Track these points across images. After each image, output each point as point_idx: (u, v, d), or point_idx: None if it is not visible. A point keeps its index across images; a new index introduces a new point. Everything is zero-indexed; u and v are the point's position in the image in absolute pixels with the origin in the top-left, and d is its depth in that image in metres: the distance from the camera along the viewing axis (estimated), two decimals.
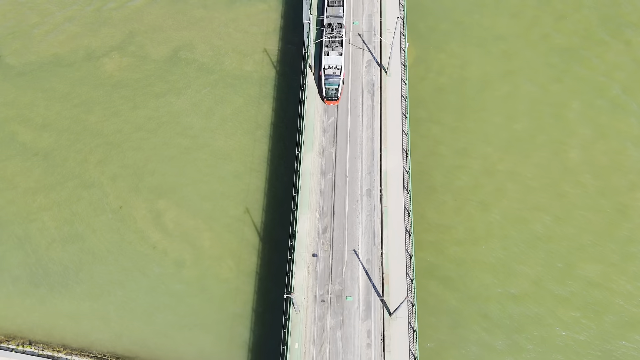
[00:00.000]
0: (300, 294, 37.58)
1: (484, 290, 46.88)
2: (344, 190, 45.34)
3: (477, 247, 49.85)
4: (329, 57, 48.69)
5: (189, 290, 50.52)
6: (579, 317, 46.85)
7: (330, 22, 50.81)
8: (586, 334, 45.95)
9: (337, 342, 38.31)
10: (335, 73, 47.92)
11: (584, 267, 49.16)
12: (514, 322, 46.14)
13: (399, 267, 40.31)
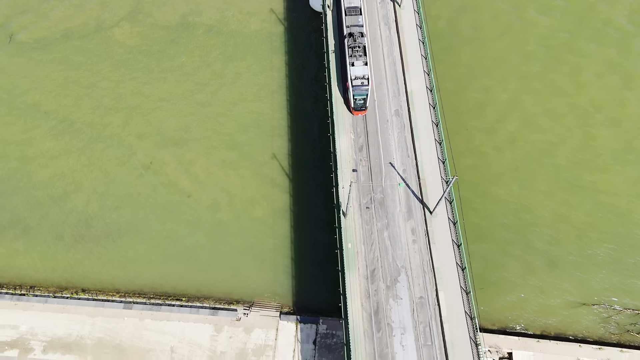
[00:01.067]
0: (345, 203, 40.23)
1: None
2: (373, 112, 48.07)
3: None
4: (355, 68, 46.57)
5: (226, 230, 52.95)
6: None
7: (352, 32, 48.92)
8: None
9: (385, 241, 40.98)
10: (363, 83, 45.77)
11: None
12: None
13: (433, 173, 43.28)
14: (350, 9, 50.63)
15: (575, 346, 46.76)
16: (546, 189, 53.87)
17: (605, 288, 49.43)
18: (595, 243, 51.25)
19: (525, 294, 48.80)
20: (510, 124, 57.28)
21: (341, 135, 45.63)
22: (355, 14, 50.13)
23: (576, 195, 53.40)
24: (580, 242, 51.29)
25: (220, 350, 46.98)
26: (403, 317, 37.72)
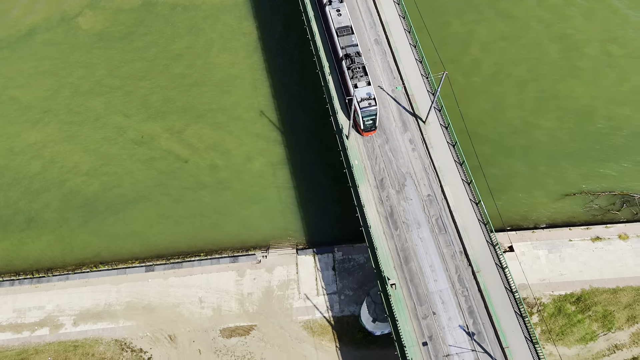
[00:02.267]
0: (344, 127, 43.45)
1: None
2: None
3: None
4: (359, 90, 44.74)
5: (229, 187, 55.22)
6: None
7: (348, 53, 46.75)
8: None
9: (387, 154, 44.44)
10: (370, 104, 44.00)
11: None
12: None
13: (419, 88, 47.11)
14: (342, 30, 48.39)
15: (566, 230, 51.80)
16: (516, 102, 58.66)
17: (582, 178, 54.73)
18: (566, 143, 56.40)
19: (514, 195, 53.19)
20: (473, 51, 61.54)
21: (326, 69, 48.52)
22: (347, 34, 48.15)
23: (541, 104, 58.46)
24: (552, 143, 56.32)
25: (247, 292, 49.19)
26: (416, 215, 41.25)
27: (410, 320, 38.01)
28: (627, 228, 52.20)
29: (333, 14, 49.19)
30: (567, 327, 47.14)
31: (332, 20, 46.77)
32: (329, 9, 49.69)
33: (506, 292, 38.73)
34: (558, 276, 49.46)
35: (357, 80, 44.93)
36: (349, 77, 45.37)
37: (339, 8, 49.49)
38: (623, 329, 47.25)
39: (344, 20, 48.98)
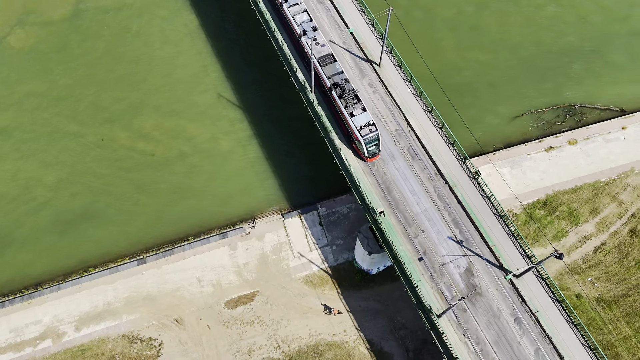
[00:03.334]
0: (306, 83, 46.07)
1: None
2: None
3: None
4: (356, 118, 43.06)
5: (202, 170, 56.47)
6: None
7: (336, 82, 44.92)
8: None
9: None
10: (371, 130, 42.44)
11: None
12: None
13: (368, 35, 50.26)
14: (324, 59, 46.12)
15: (522, 146, 56.85)
16: (453, 43, 63.09)
17: (527, 99, 60.06)
18: (506, 70, 61.37)
19: (471, 125, 57.21)
20: (402, 2, 65.32)
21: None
22: (330, 62, 45.97)
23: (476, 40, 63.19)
24: (494, 74, 61.13)
25: (242, 262, 50.81)
26: (389, 148, 44.40)
27: (403, 241, 41.15)
28: (573, 134, 57.87)
29: (310, 44, 46.38)
30: (540, 230, 51.96)
31: (312, 50, 43.82)
32: (305, 39, 47.36)
33: (482, 199, 42.65)
34: (523, 188, 54.26)
35: (353, 109, 43.30)
36: (343, 107, 43.61)
37: (316, 37, 47.17)
38: (588, 221, 52.69)
39: (324, 49, 46.54)
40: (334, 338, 47.53)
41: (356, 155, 44.72)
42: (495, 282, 39.90)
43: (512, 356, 37.25)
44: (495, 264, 40.51)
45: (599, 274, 49.81)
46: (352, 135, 43.88)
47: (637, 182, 54.33)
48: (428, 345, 47.16)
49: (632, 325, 47.11)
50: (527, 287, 39.49)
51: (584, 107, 59.98)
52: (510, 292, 39.62)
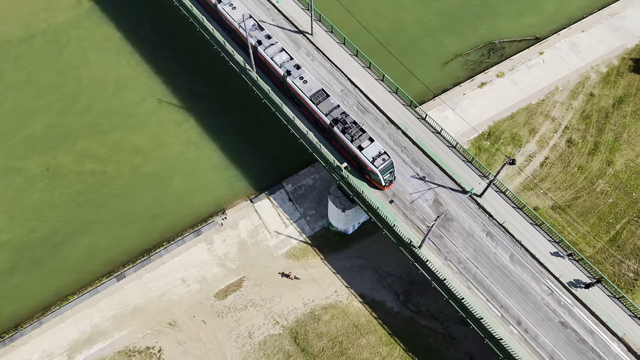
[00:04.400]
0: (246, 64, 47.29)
1: None
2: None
3: None
4: (367, 150, 42.01)
5: (160, 177, 56.62)
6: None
7: (335, 118, 43.31)
8: None
9: None
10: (384, 159, 41.60)
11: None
12: None
13: (295, 8, 52.53)
14: (317, 96, 44.43)
15: (457, 88, 61.34)
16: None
17: (451, 45, 64.64)
18: (424, 23, 65.54)
19: (405, 79, 60.45)
20: None
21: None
22: (324, 98, 44.33)
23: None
24: (416, 25, 65.30)
25: (222, 253, 51.77)
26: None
27: (371, 190, 43.88)
28: (500, 68, 63.13)
29: (298, 84, 45.25)
30: (490, 159, 56.56)
31: (301, 89, 43.89)
32: (291, 79, 45.59)
33: (434, 135, 46.19)
34: (467, 125, 58.69)
35: (360, 142, 42.17)
36: (349, 142, 42.34)
37: (302, 75, 45.54)
38: (529, 141, 57.93)
39: (313, 85, 45.05)
40: (327, 301, 49.65)
41: (372, 186, 43.85)
42: (462, 206, 43.55)
43: (492, 266, 41.02)
44: (458, 190, 44.17)
45: (549, 185, 55.07)
46: (365, 168, 42.52)
47: (563, 97, 60.27)
48: (415, 286, 50.38)
49: (587, 222, 52.63)
50: (491, 204, 43.43)
51: (502, 42, 65.42)
52: (477, 212, 43.42)
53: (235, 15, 49.90)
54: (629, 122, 58.09)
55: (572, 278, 40.46)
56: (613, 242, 51.08)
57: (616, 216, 52.56)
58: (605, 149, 56.53)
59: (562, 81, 61.21)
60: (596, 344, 38.63)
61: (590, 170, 55.37)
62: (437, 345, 47.18)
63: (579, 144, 57.06)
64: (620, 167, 55.29)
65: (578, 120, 58.63)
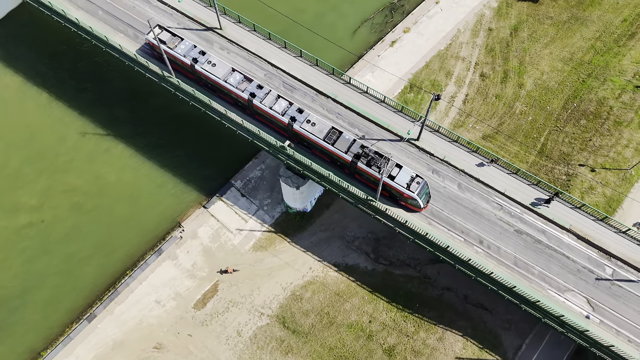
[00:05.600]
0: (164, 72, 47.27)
1: None
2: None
3: None
4: (399, 178, 41.57)
5: (103, 209, 55.45)
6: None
7: (357, 153, 42.41)
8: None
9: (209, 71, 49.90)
10: (419, 182, 41.24)
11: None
12: None
13: (199, 9, 52.79)
14: (331, 136, 43.36)
15: (371, 51, 64.45)
16: None
17: (354, 16, 67.58)
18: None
19: (320, 53, 62.66)
20: None
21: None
22: (338, 136, 43.40)
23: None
24: (319, 4, 67.69)
25: (189, 265, 51.75)
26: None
27: (317, 160, 45.87)
28: (405, 24, 67.18)
29: (307, 128, 44.03)
30: (418, 108, 60.35)
31: (312, 133, 43.13)
32: (298, 125, 44.17)
33: (362, 95, 48.87)
34: (389, 83, 62.12)
35: (390, 171, 41.73)
36: (377, 174, 41.52)
37: (308, 119, 44.25)
38: (448, 84, 62.33)
39: (323, 126, 43.99)
40: (304, 279, 51.20)
41: (408, 211, 43.56)
42: (404, 152, 46.60)
43: (445, 199, 44.39)
44: (397, 139, 47.17)
45: (475, 118, 59.76)
46: (400, 196, 42.25)
47: (466, 38, 65.29)
48: (381, 241, 53.12)
49: (515, 143, 57.76)
50: (429, 144, 46.83)
51: (399, 2, 69.53)
52: (419, 154, 46.67)
53: (218, 72, 46.75)
54: (527, 45, 64.09)
55: (515, 190, 44.69)
56: (541, 154, 56.57)
57: (538, 131, 58.15)
58: (514, 75, 62.08)
59: (462, 23, 66.25)
60: (550, 241, 43.12)
61: (506, 96, 60.67)
62: (416, 289, 50.22)
63: (491, 76, 62.22)
64: (531, 87, 61.05)
65: (485, 55, 63.84)
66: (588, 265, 41.99)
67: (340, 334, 48.00)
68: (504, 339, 47.24)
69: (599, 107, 58.15)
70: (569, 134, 57.07)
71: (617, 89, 59.30)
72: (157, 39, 45.58)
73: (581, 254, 42.58)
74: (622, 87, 59.39)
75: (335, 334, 48.05)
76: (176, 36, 48.78)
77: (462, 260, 41.93)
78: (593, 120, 57.43)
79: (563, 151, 56.28)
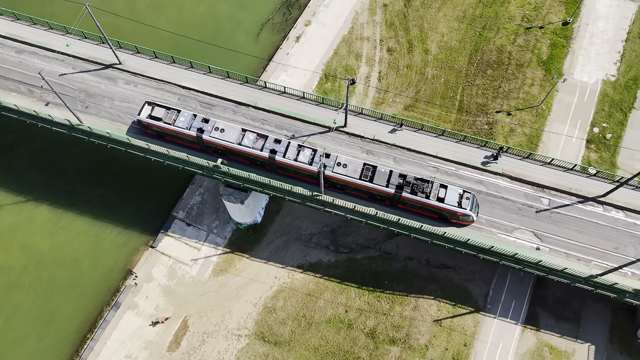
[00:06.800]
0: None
1: None
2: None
3: None
4: (448, 198, 41.48)
5: (44, 277, 52.82)
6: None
7: (398, 184, 41.95)
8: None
9: (116, 104, 48.24)
10: (468, 198, 41.81)
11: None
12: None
13: (92, 48, 50.54)
14: (367, 172, 42.64)
15: (280, 51, 65.05)
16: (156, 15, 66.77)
17: (251, 18, 67.57)
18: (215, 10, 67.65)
19: (229, 64, 62.09)
20: None
21: None
22: (375, 170, 42.68)
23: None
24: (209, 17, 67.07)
25: (152, 309, 50.23)
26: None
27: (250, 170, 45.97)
28: (304, 17, 68.28)
29: (342, 171, 42.95)
30: (338, 96, 61.59)
31: (347, 175, 42.39)
32: (330, 171, 42.82)
33: (281, 96, 49.30)
34: (304, 78, 62.97)
35: (437, 193, 41.63)
36: (425, 199, 41.64)
37: (339, 161, 43.32)
38: (360, 66, 64.24)
39: (355, 165, 43.17)
40: (272, 289, 51.16)
41: (459, 226, 43.68)
42: (336, 141, 47.71)
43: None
44: (326, 131, 48.13)
45: (392, 92, 62.08)
46: (453, 215, 42.39)
47: (365, 18, 67.45)
48: (337, 231, 54.14)
49: (435, 106, 60.65)
50: (357, 128, 48.21)
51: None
52: (350, 139, 47.98)
53: (229, 137, 44.32)
54: (422, 13, 67.32)
55: (445, 150, 47.15)
56: (461, 110, 59.90)
57: (452, 89, 61.46)
58: (418, 43, 65.07)
59: (357, 5, 68.36)
60: (488, 188, 45.99)
61: (416, 65, 63.50)
62: (380, 267, 51.75)
63: (397, 49, 64.82)
64: (436, 51, 64.30)
65: (387, 31, 66.35)
66: (526, 202, 45.24)
67: (322, 332, 48.53)
68: (472, 290, 49.89)
69: (500, 55, 62.38)
70: (480, 86, 60.79)
71: (510, 35, 63.85)
72: (150, 118, 44.47)
73: (518, 193, 45.78)
74: (515, 32, 64.04)
75: (316, 333, 48.50)
76: (171, 109, 45.59)
77: (415, 228, 43.69)
78: (497, 69, 61.53)
79: (479, 103, 59.89)
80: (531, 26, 64.04)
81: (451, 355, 46.90)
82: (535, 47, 62.08)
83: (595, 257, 43.17)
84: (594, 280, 41.96)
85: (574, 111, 58.12)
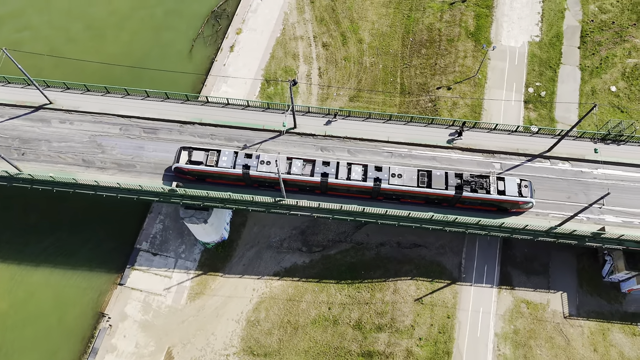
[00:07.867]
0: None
1: None
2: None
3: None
4: (508, 189, 42.07)
5: (11, 343, 50.24)
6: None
7: (457, 185, 42.28)
8: None
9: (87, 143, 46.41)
10: (526, 185, 42.35)
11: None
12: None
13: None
14: (424, 179, 42.69)
15: (216, 63, 64.22)
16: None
17: (180, 36, 66.40)
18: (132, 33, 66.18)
19: (168, 84, 60.82)
20: None
21: None
22: (429, 175, 42.82)
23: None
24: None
25: (134, 347, 48.97)
26: (139, 145, 45.91)
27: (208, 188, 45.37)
28: (234, 26, 68.05)
29: (397, 182, 42.73)
30: (283, 99, 61.62)
31: (404, 185, 42.29)
32: (386, 184, 42.68)
33: (226, 108, 48.83)
34: (245, 86, 62.62)
35: (497, 187, 42.31)
36: (486, 194, 42.19)
37: (393, 172, 43.14)
38: (299, 65, 64.55)
39: (410, 173, 43.09)
40: (252, 302, 50.79)
41: (515, 215, 44.56)
42: (289, 144, 47.89)
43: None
44: (277, 135, 48.18)
45: (336, 86, 62.80)
46: (515, 205, 43.14)
47: (295, 17, 67.79)
48: (306, 231, 54.36)
49: (378, 93, 61.86)
50: (307, 127, 48.52)
51: (220, 6, 69.94)
52: (302, 139, 48.31)
53: (273, 167, 43.35)
54: (350, 4, 68.41)
55: (397, 134, 48.27)
56: (403, 93, 61.42)
57: (392, 74, 62.89)
58: (351, 34, 66.10)
59: (285, 6, 68.65)
60: (442, 163, 47.46)
61: (352, 56, 64.50)
62: (355, 258, 52.41)
63: (332, 43, 65.61)
64: (369, 39, 65.55)
65: (318, 27, 66.99)
66: (479, 169, 47.02)
67: (309, 334, 48.65)
68: (445, 263, 51.44)
69: (430, 33, 64.36)
70: (417, 66, 62.51)
71: (437, 12, 66.00)
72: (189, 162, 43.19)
73: (471, 162, 47.54)
74: (440, 9, 66.25)
75: (304, 336, 48.58)
76: (210, 150, 44.04)
77: (381, 214, 44.52)
78: (431, 47, 63.48)
79: (419, 82, 61.60)
80: (454, 1, 66.42)
81: (437, 329, 48.19)
82: (461, 20, 64.45)
83: (551, 210, 45.47)
84: (554, 231, 44.19)
85: (507, 76, 60.85)
